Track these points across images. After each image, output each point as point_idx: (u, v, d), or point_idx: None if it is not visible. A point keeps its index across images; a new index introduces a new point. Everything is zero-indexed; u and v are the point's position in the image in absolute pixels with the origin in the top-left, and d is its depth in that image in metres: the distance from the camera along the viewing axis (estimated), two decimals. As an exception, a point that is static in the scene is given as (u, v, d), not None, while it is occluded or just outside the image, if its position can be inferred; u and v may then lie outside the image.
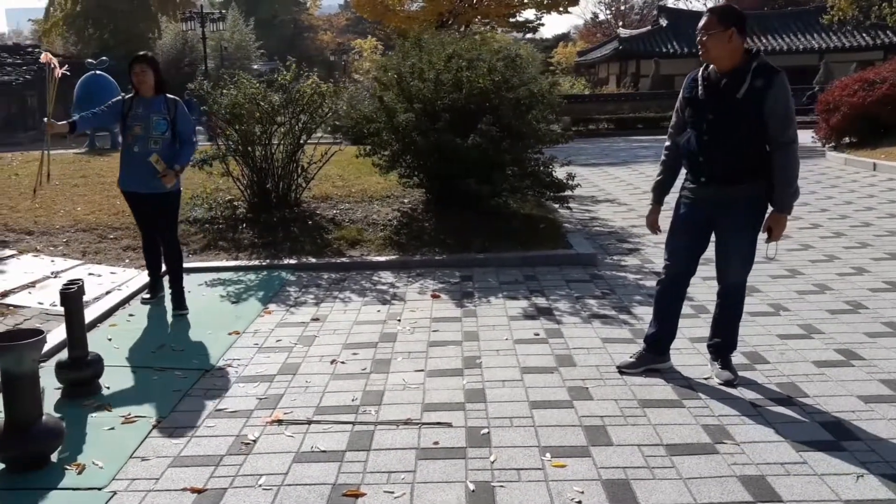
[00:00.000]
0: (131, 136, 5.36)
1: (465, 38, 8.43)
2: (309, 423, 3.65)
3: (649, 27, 38.99)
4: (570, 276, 6.37)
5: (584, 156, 16.53)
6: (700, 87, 3.82)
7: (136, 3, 41.37)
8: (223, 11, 39.90)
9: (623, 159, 16.53)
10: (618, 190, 11.77)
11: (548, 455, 3.25)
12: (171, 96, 5.48)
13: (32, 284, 5.87)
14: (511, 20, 32.53)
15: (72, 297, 3.88)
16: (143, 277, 6.37)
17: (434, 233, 7.41)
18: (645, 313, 5.07)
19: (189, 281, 6.37)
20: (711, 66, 3.80)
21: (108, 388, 4.12)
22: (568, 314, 5.29)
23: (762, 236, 3.87)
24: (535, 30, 37.27)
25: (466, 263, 6.75)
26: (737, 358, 4.21)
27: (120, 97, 5.52)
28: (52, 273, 6.26)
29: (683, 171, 4.04)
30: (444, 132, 7.09)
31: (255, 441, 3.47)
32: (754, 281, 5.98)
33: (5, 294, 5.54)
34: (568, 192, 7.82)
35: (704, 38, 3.70)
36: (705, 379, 4.05)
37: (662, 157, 4.13)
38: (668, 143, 4.09)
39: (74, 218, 7.94)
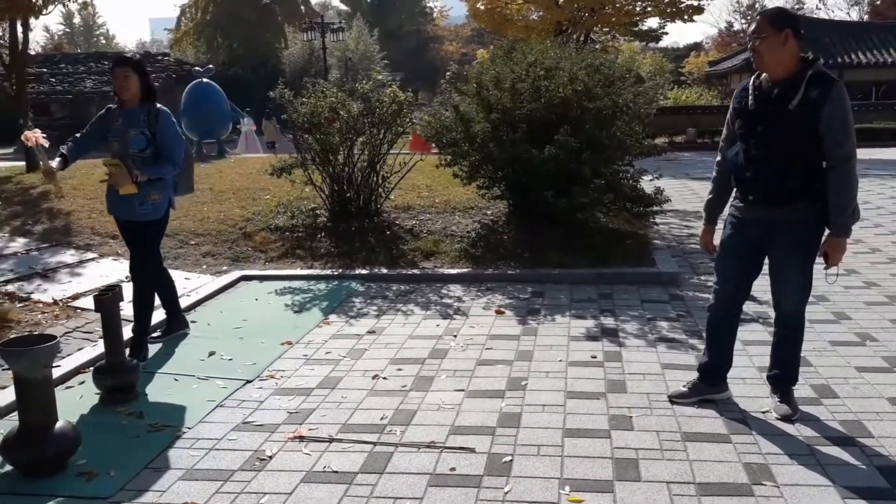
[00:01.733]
0: (112, 153, 4.64)
1: (553, 47, 8.11)
2: (330, 440, 3.51)
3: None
4: (648, 295, 5.95)
5: (699, 168, 15.69)
6: (750, 97, 3.45)
7: (264, 14, 43.41)
8: (343, 22, 41.08)
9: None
10: (724, 204, 11.03)
11: (567, 488, 2.96)
12: (159, 106, 4.67)
13: (116, 287, 6.07)
14: (634, 29, 31.76)
15: (107, 302, 3.92)
16: (215, 283, 6.49)
17: (511, 246, 7.15)
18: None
19: (261, 288, 6.46)
20: (764, 74, 3.43)
21: (146, 394, 4.15)
22: (633, 336, 4.91)
23: (819, 261, 3.43)
24: (658, 38, 36.05)
25: (540, 279, 6.46)
26: (803, 390, 3.77)
27: (106, 108, 4.80)
28: (126, 277, 6.47)
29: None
30: (520, 143, 6.83)
31: (271, 457, 3.36)
32: (846, 307, 5.41)
33: (76, 297, 5.76)
34: (656, 207, 7.37)
35: (756, 44, 3.32)
36: (763, 413, 3.63)
37: (713, 174, 3.76)
38: (718, 158, 3.73)
39: (162, 225, 8.23)
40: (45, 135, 4.53)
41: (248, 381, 4.33)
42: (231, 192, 9.64)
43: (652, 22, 30.63)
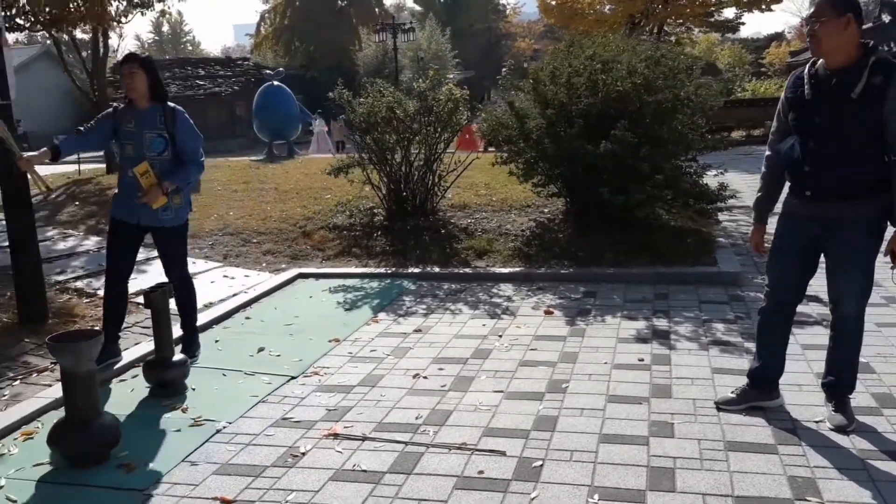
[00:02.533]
0: (124, 157, 4.42)
1: (616, 41, 7.92)
2: (363, 439, 3.51)
3: (870, 24, 35.22)
4: (706, 296, 5.73)
5: None
6: (806, 86, 3.24)
7: (339, 17, 44.22)
8: (412, 22, 41.33)
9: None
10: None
11: (596, 497, 2.87)
12: (172, 105, 4.46)
13: (166, 284, 6.26)
14: (709, 20, 30.86)
15: (155, 298, 4.03)
16: (273, 281, 6.62)
17: (566, 245, 7.03)
18: (777, 341, 4.43)
19: (316, 286, 6.55)
20: (820, 62, 3.22)
21: (194, 389, 4.24)
22: (685, 339, 4.74)
23: (883, 260, 3.21)
24: (735, 29, 35.00)
25: (594, 278, 6.32)
26: (862, 399, 3.56)
27: (110, 108, 4.53)
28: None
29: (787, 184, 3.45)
30: (575, 138, 6.70)
31: (304, 454, 3.38)
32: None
33: (139, 293, 5.95)
34: (720, 204, 7.11)
35: (816, 28, 3.11)
36: (816, 422, 3.42)
37: (763, 169, 3.56)
38: (768, 153, 3.52)
39: (224, 222, 8.46)
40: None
41: (293, 378, 4.38)
42: (294, 192, 9.83)
43: (728, 12, 29.82)
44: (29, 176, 4.53)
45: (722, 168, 7.45)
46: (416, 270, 6.77)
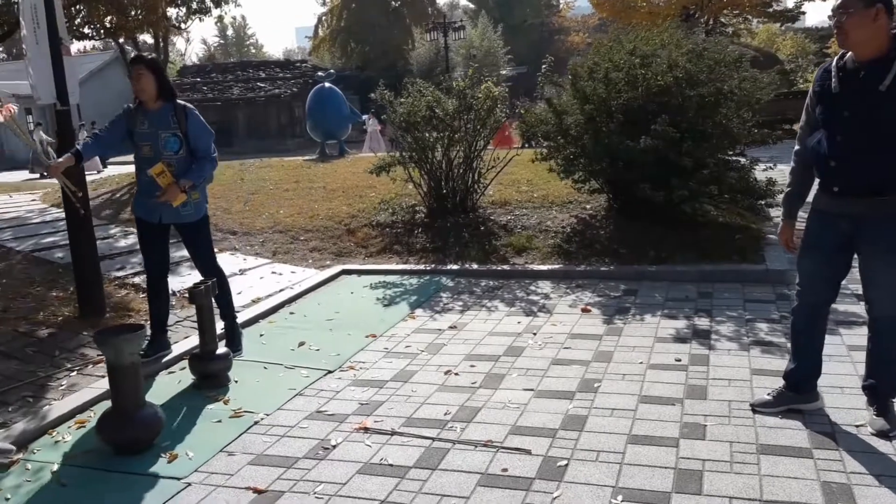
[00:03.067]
0: (141, 157, 4.47)
1: (660, 34, 7.80)
2: (392, 433, 3.58)
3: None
4: (753, 294, 5.63)
5: None
6: (834, 79, 3.18)
7: (393, 17, 44.52)
8: (462, 21, 41.31)
9: None
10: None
11: (619, 497, 2.87)
12: (182, 103, 4.50)
13: (210, 280, 6.45)
14: (767, 10, 30.09)
15: (198, 294, 4.17)
16: (317, 277, 6.75)
17: (608, 242, 6.98)
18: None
19: (358, 282, 6.66)
20: (849, 54, 3.15)
21: (237, 381, 4.38)
22: (726, 339, 4.67)
23: None
24: (794, 19, 34.03)
25: (635, 276, 6.26)
26: None
27: (123, 109, 4.56)
28: (239, 270, 6.86)
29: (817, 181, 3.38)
30: (615, 134, 6.65)
31: (334, 447, 3.47)
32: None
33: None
34: (769, 199, 6.96)
35: (843, 20, 3.05)
36: (857, 426, 3.35)
37: (792, 164, 3.50)
38: (797, 148, 3.46)
39: (275, 220, 8.64)
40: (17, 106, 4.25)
41: (329, 372, 4.48)
42: (341, 191, 9.98)
43: (788, 1, 28.99)
44: (57, 181, 4.66)
45: (771, 162, 7.28)
46: (455, 267, 6.82)
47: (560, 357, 4.51)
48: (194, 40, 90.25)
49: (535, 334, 4.97)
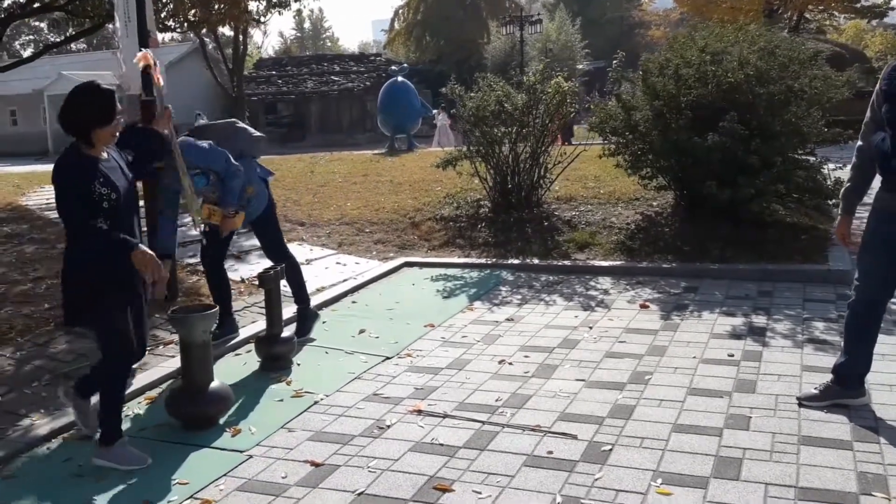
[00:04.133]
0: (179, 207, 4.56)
1: (734, 31, 7.70)
2: (444, 416, 3.72)
3: None
4: (813, 294, 5.55)
5: None
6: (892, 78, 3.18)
7: (470, 11, 44.65)
8: (539, 14, 41.04)
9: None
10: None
11: (658, 481, 2.96)
12: (176, 143, 4.07)
13: (279, 266, 6.73)
14: (854, 5, 29.00)
15: (266, 279, 4.42)
16: (380, 268, 6.96)
17: (672, 239, 6.96)
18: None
19: (419, 274, 6.84)
20: None
21: (299, 364, 4.61)
22: (781, 336, 4.64)
23: None
24: (883, 14, 32.66)
25: (697, 273, 6.24)
26: None
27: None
28: (305, 260, 7.11)
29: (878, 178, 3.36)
30: (682, 130, 6.62)
31: (389, 426, 3.64)
32: None
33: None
34: (835, 200, 6.80)
35: None
36: (902, 423, 3.32)
37: (854, 160, 3.49)
38: (860, 144, 3.46)
39: (342, 212, 8.91)
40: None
41: (388, 358, 4.66)
42: (408, 185, 10.20)
43: (876, -3, 27.85)
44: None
45: (841, 162, 7.10)
46: (516, 262, 6.92)
47: (614, 350, 4.57)
48: (271, 33, 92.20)
49: (590, 328, 5.04)
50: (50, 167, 3.58)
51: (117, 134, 3.32)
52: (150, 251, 3.23)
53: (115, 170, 3.27)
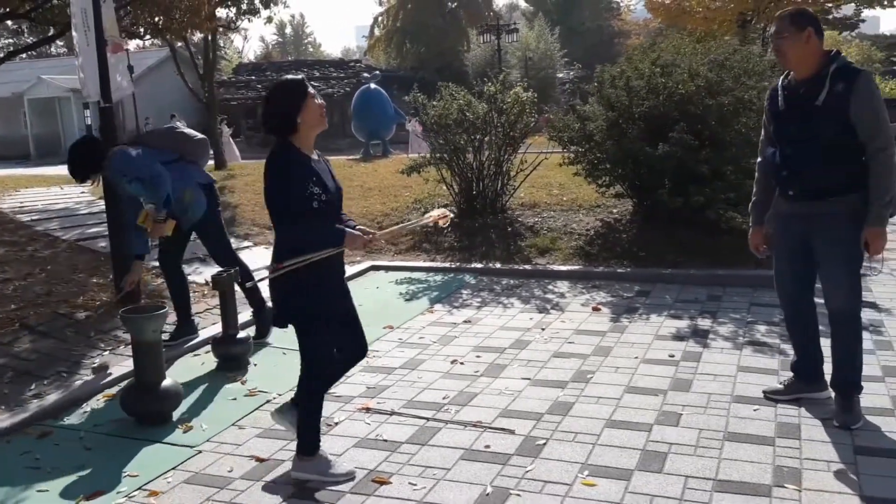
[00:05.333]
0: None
1: (690, 43, 7.93)
2: (391, 413, 3.86)
3: None
4: (761, 299, 5.74)
5: None
6: (780, 97, 3.49)
7: (449, 19, 44.92)
8: (516, 23, 41.37)
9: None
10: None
11: (585, 473, 3.12)
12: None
13: (233, 269, 6.83)
14: (826, 17, 29.56)
15: (223, 281, 4.53)
16: (347, 272, 7.06)
17: (628, 245, 7.14)
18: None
19: (385, 277, 6.97)
20: (792, 73, 3.47)
21: (255, 364, 4.72)
22: (723, 338, 4.82)
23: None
24: (853, 27, 33.40)
25: (650, 278, 6.42)
26: (879, 400, 3.67)
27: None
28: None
29: None
30: (635, 140, 6.82)
31: (336, 424, 3.77)
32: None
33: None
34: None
35: (780, 44, 3.38)
36: (823, 420, 3.53)
37: (756, 175, 3.77)
38: (759, 159, 3.74)
39: (310, 218, 9.01)
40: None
41: (344, 359, 4.78)
42: (377, 190, 10.33)
43: (847, 9, 28.40)
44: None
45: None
46: (479, 266, 7.07)
47: (562, 350, 4.73)
48: (252, 38, 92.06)
49: (543, 329, 5.20)
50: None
51: (324, 115, 3.19)
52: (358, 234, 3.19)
53: (325, 172, 3.22)
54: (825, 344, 3.66)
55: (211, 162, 16.65)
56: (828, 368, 3.68)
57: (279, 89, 3.13)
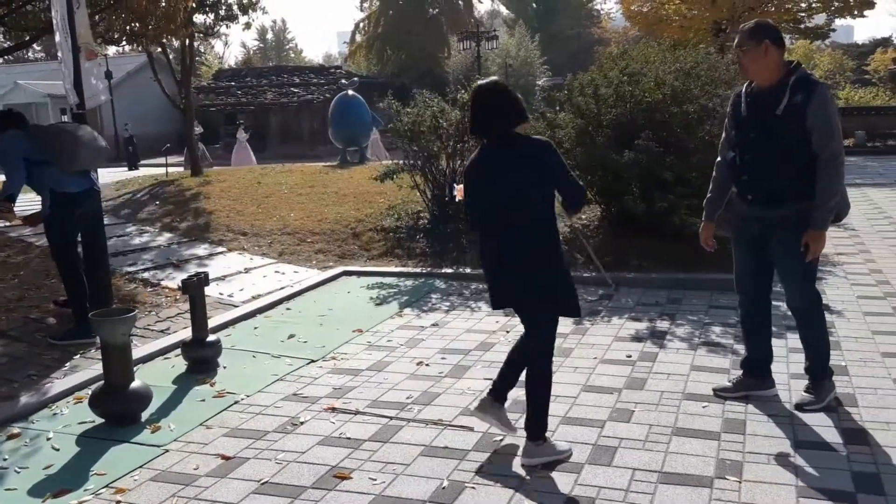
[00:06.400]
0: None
1: (661, 52, 8.13)
2: (356, 413, 3.98)
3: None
4: (719, 301, 5.92)
5: (868, 174, 14.61)
6: (743, 104, 3.68)
7: (430, 25, 45.08)
8: (496, 30, 41.63)
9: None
10: (856, 212, 10.40)
11: (538, 466, 3.23)
12: None
13: (223, 278, 6.94)
14: (799, 27, 30.07)
15: (192, 286, 4.62)
16: (319, 277, 7.19)
17: (595, 249, 7.29)
18: (767, 344, 4.68)
19: (356, 283, 7.08)
20: (755, 82, 3.65)
21: (225, 367, 4.82)
22: (679, 339, 4.99)
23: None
24: (825, 36, 33.91)
25: (614, 282, 6.58)
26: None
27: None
28: (244, 269, 7.34)
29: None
30: (603, 147, 6.99)
31: (302, 423, 3.88)
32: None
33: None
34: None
35: (740, 56, 3.59)
36: (770, 416, 3.70)
37: (714, 174, 3.93)
38: (718, 160, 3.92)
39: (285, 222, 9.12)
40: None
41: (312, 361, 4.89)
42: (352, 196, 10.44)
43: (819, 18, 28.91)
44: None
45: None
46: (449, 271, 7.20)
47: (524, 352, 4.86)
48: (233, 43, 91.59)
49: (507, 332, 5.33)
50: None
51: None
52: None
53: None
54: (778, 344, 3.86)
55: (179, 169, 16.69)
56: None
57: (503, 100, 3.28)
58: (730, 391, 3.95)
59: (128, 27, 9.79)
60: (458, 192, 4.16)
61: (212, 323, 5.46)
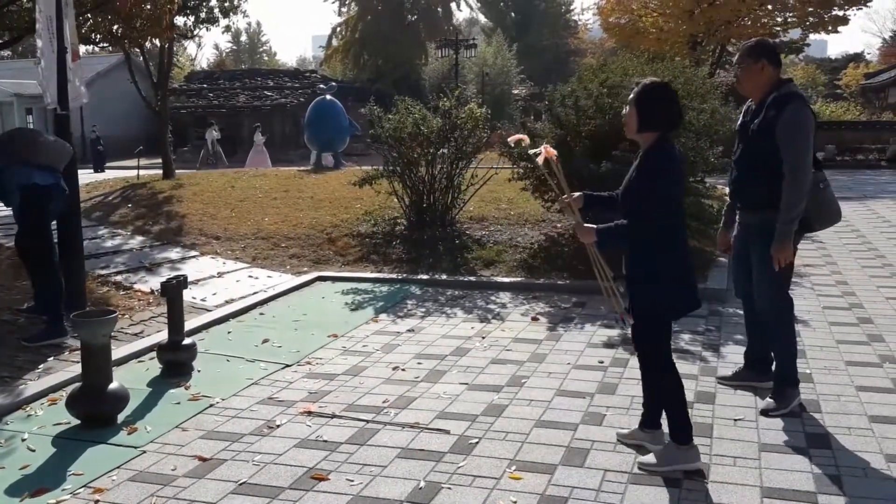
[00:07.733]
0: None
1: (641, 65, 8.28)
2: (332, 416, 4.01)
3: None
4: (690, 309, 6.05)
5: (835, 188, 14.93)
6: (741, 118, 3.98)
7: (408, 32, 45.18)
8: (474, 38, 41.83)
9: (866, 193, 14.64)
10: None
11: (513, 468, 3.32)
12: None
13: (196, 282, 6.92)
14: (775, 41, 30.67)
15: (171, 288, 4.63)
16: (293, 282, 7.20)
17: (569, 258, 7.41)
18: (733, 352, 4.83)
19: (331, 288, 7.10)
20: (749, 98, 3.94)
21: (199, 370, 4.81)
22: (651, 346, 5.08)
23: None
24: (799, 51, 34.69)
25: (588, 290, 6.66)
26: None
27: None
28: (217, 273, 7.33)
29: None
30: (581, 157, 7.11)
31: (278, 426, 3.90)
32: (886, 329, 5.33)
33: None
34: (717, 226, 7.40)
35: (738, 72, 3.86)
36: (735, 420, 3.81)
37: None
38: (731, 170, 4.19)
39: (259, 227, 9.12)
40: None
41: (287, 365, 4.91)
42: (328, 201, 10.46)
43: (794, 33, 29.54)
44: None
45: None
46: (425, 277, 7.26)
47: (499, 357, 4.94)
48: (206, 45, 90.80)
49: (483, 338, 5.40)
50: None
51: None
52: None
53: None
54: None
55: (155, 172, 16.55)
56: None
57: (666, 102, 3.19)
58: (729, 380, 4.26)
59: (112, 29, 9.72)
60: (544, 151, 3.67)
61: (185, 327, 5.46)
